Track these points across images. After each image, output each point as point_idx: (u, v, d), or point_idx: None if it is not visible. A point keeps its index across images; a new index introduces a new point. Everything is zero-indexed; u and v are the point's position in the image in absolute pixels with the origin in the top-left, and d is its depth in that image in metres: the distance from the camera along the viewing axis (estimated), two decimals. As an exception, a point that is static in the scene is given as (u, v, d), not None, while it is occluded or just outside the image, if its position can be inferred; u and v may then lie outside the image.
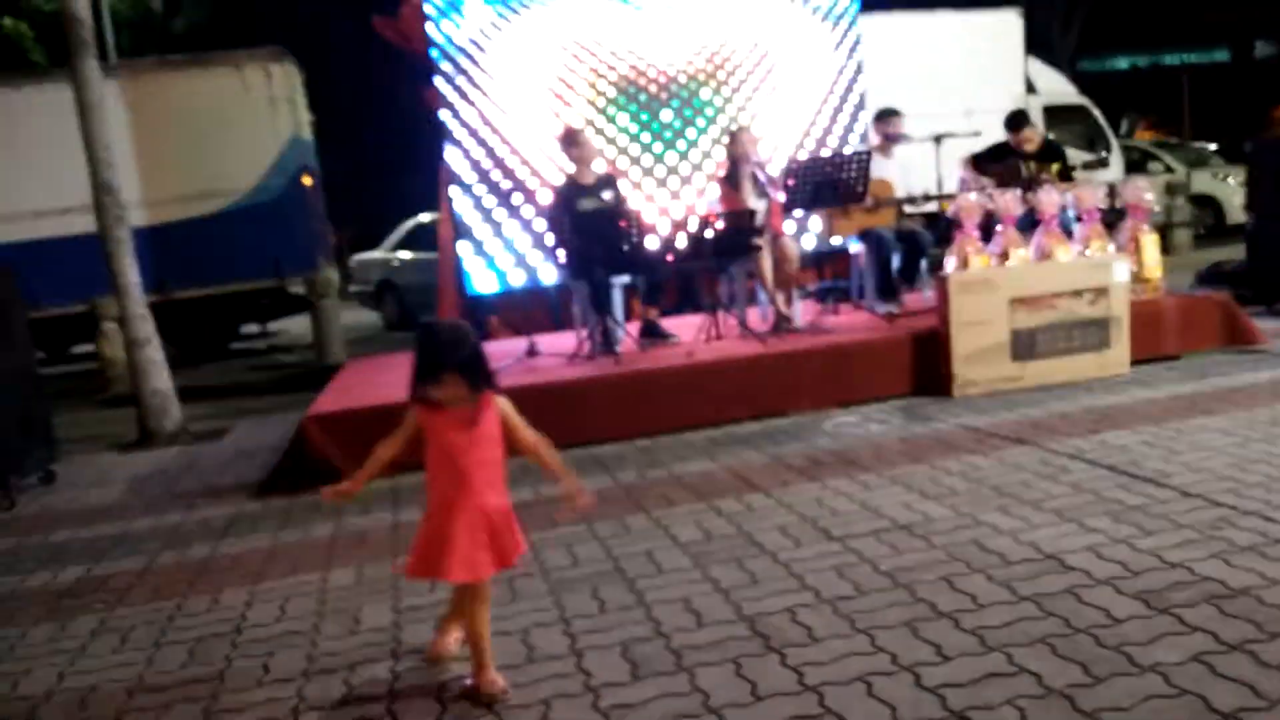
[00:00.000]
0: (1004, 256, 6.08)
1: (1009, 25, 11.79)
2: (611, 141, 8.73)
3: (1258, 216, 7.82)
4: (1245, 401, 5.03)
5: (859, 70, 9.66)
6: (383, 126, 24.73)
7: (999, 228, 6.15)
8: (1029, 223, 6.41)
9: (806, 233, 9.11)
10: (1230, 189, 14.99)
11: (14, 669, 3.23)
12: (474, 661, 2.72)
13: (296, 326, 14.66)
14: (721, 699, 2.53)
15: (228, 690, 2.90)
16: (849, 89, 9.63)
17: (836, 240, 7.07)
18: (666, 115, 9.05)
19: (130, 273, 6.91)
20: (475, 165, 8.61)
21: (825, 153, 9.13)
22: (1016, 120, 7.31)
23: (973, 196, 6.26)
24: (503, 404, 2.76)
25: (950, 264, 6.24)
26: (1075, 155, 7.97)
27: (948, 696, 2.43)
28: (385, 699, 2.74)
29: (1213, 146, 19.47)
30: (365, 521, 4.53)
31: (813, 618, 2.96)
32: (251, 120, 10.79)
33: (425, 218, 13.54)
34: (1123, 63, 31.85)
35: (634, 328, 6.90)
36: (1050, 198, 6.12)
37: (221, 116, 10.66)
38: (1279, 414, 4.72)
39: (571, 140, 6.88)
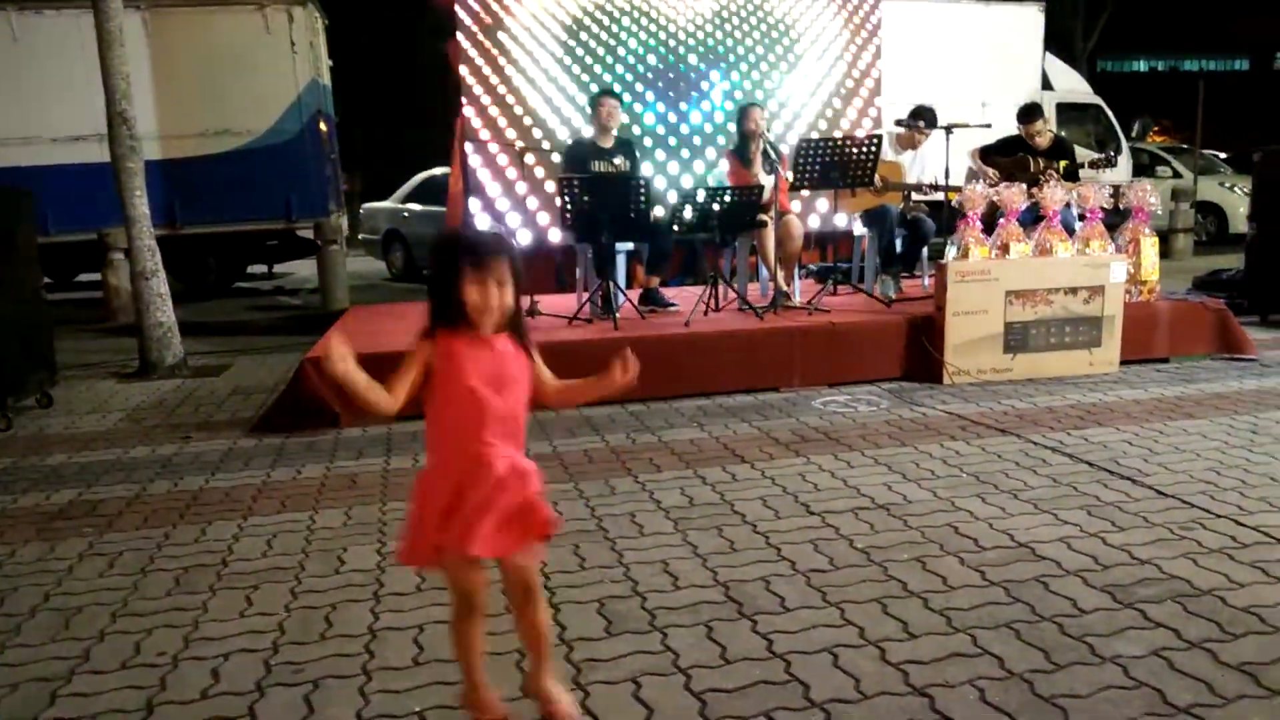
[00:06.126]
0: (1004, 249, 6.12)
1: (1030, 19, 11.73)
2: (627, 108, 8.72)
3: (1259, 227, 7.84)
4: (1228, 408, 5.09)
5: (878, 54, 9.64)
6: (401, 77, 24.57)
7: (1001, 220, 6.19)
8: (1033, 217, 6.45)
9: (812, 213, 9.14)
10: (1236, 198, 14.98)
11: (1, 586, 3.28)
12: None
13: (302, 270, 14.67)
14: (691, 660, 2.59)
15: (209, 619, 2.96)
16: (866, 72, 9.61)
17: (841, 219, 7.10)
18: (682, 85, 9.04)
19: (140, 204, 6.92)
20: (490, 123, 8.61)
21: (837, 134, 9.13)
22: (1030, 112, 7.32)
23: (978, 188, 6.29)
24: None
25: (951, 253, 6.28)
26: (1084, 154, 7.97)
27: (910, 672, 2.48)
28: (365, 636, 2.80)
29: (1223, 155, 19.42)
30: (357, 465, 4.59)
31: (786, 588, 3.03)
32: (271, 61, 10.75)
33: (437, 171, 13.54)
34: (1141, 65, 31.70)
35: (635, 294, 6.94)
36: (1055, 194, 6.15)
37: (241, 56, 10.62)
38: (1260, 422, 4.78)
39: (596, 103, 6.91)
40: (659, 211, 7.62)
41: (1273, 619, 2.70)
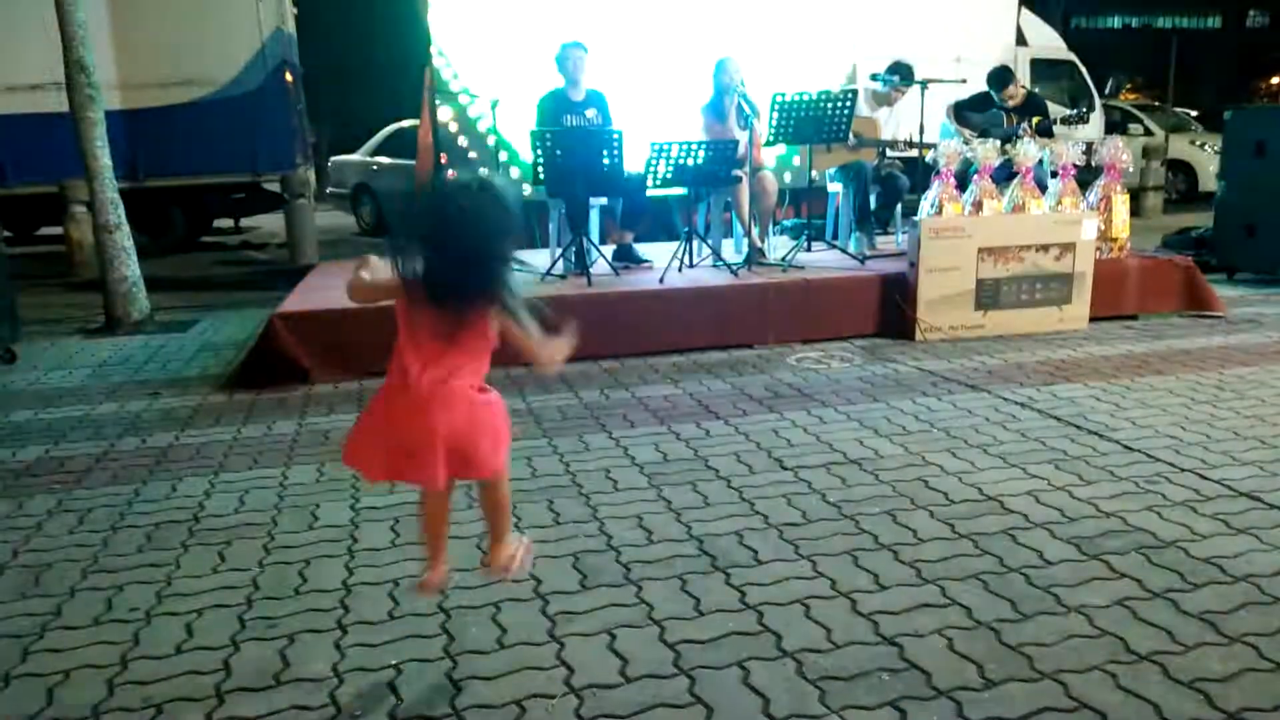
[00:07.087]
0: (977, 206, 6.14)
1: None
2: (602, 59, 8.59)
3: (1228, 185, 7.90)
4: (1195, 365, 5.16)
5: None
6: (369, 25, 24.06)
7: (975, 177, 6.20)
8: (1006, 174, 6.46)
9: (787, 169, 9.10)
10: (1206, 156, 15.04)
11: (-30, 542, 3.25)
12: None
13: (270, 224, 14.47)
14: (665, 612, 2.62)
15: (182, 575, 2.94)
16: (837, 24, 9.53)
17: (816, 174, 7.08)
18: (658, 37, 8.91)
19: (102, 155, 6.75)
20: (461, 72, 8.47)
21: (812, 88, 9.06)
22: (1001, 78, 7.28)
23: (953, 144, 6.28)
24: None
25: (925, 209, 6.29)
26: (1057, 110, 7.97)
27: (881, 623, 2.52)
28: (339, 591, 2.80)
29: (1194, 113, 19.49)
30: (328, 421, 4.56)
31: (759, 541, 3.06)
32: (234, 8, 10.46)
33: (406, 123, 13.33)
34: (1115, 21, 31.67)
35: (608, 250, 6.90)
36: (1028, 151, 6.15)
37: (203, 2, 10.34)
38: (1226, 379, 4.85)
39: (563, 54, 6.78)
40: (633, 166, 7.54)
41: (1233, 569, 2.76)
